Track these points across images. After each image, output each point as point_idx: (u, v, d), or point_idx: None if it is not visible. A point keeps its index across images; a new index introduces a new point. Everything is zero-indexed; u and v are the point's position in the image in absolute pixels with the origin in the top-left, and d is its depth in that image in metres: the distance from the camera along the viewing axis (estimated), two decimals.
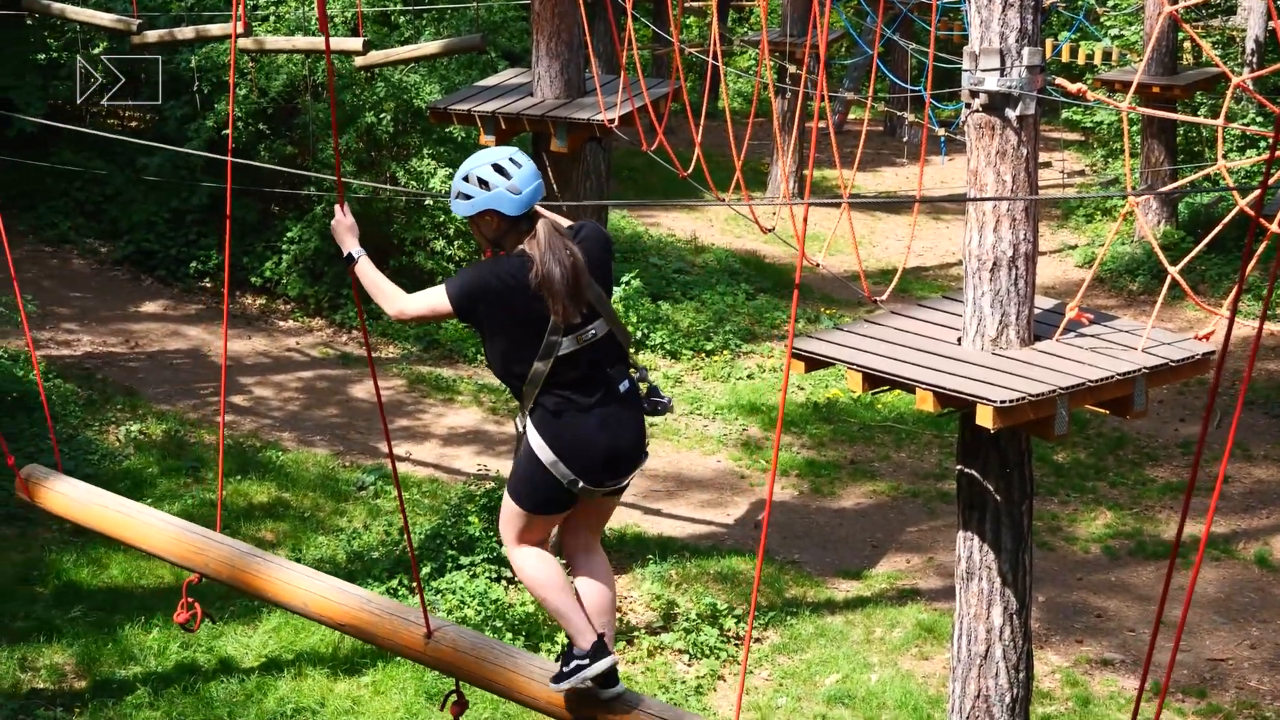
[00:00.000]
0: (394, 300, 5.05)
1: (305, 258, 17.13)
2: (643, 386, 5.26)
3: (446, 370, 16.09)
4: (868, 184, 25.07)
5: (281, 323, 16.98)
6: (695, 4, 30.13)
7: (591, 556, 5.25)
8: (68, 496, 5.89)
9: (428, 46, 14.06)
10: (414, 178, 16.90)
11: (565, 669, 5.04)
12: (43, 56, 17.90)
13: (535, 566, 5.12)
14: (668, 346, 16.74)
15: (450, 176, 16.85)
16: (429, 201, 17.10)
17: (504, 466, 13.08)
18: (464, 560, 11.39)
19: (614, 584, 5.23)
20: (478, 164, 5.00)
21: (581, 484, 4.99)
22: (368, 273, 5.09)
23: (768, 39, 11.80)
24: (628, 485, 5.26)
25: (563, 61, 11.47)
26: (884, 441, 14.89)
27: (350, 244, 5.11)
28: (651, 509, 13.24)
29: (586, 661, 5.00)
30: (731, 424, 15.14)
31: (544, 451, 4.95)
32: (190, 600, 5.73)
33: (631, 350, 5.17)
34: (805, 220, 4.80)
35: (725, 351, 16.91)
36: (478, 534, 11.58)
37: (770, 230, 8.90)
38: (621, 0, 12.37)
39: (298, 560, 11.45)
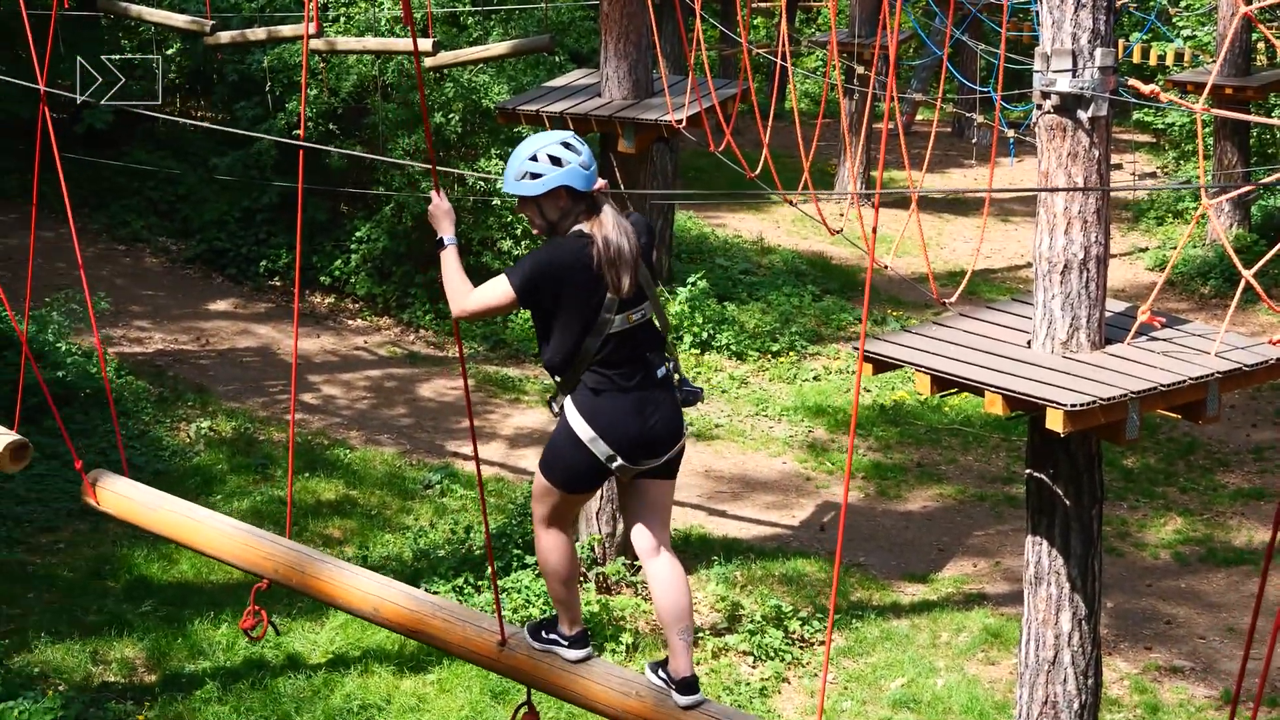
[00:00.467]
0: (463, 297, 5.06)
1: (374, 257, 17.24)
2: (674, 376, 5.28)
3: (513, 370, 16.14)
4: (935, 185, 24.93)
5: (350, 321, 17.10)
6: (762, 4, 30.07)
7: (662, 560, 5.20)
8: (134, 501, 5.90)
9: (496, 47, 14.11)
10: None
11: (545, 633, 5.24)
12: (117, 57, 18.10)
13: (554, 554, 5.22)
14: (734, 347, 16.71)
15: None
16: (496, 201, 17.17)
17: None
18: (529, 559, 11.42)
19: (687, 588, 5.21)
20: (546, 143, 5.02)
21: (619, 461, 5.04)
22: (451, 262, 5.09)
23: (835, 40, 11.81)
24: (675, 468, 5.26)
25: (630, 62, 11.49)
26: (951, 444, 14.80)
27: (447, 229, 5.13)
28: (717, 510, 13.23)
29: (565, 644, 5.21)
30: (797, 425, 15.09)
31: (583, 429, 5.00)
32: (257, 607, 5.72)
33: (671, 341, 5.17)
34: (877, 212, 4.78)
35: (791, 353, 16.87)
36: None
37: (838, 232, 8.86)
38: (689, 1, 12.38)
39: (365, 558, 11.54)
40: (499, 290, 5.01)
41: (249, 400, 14.54)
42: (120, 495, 5.90)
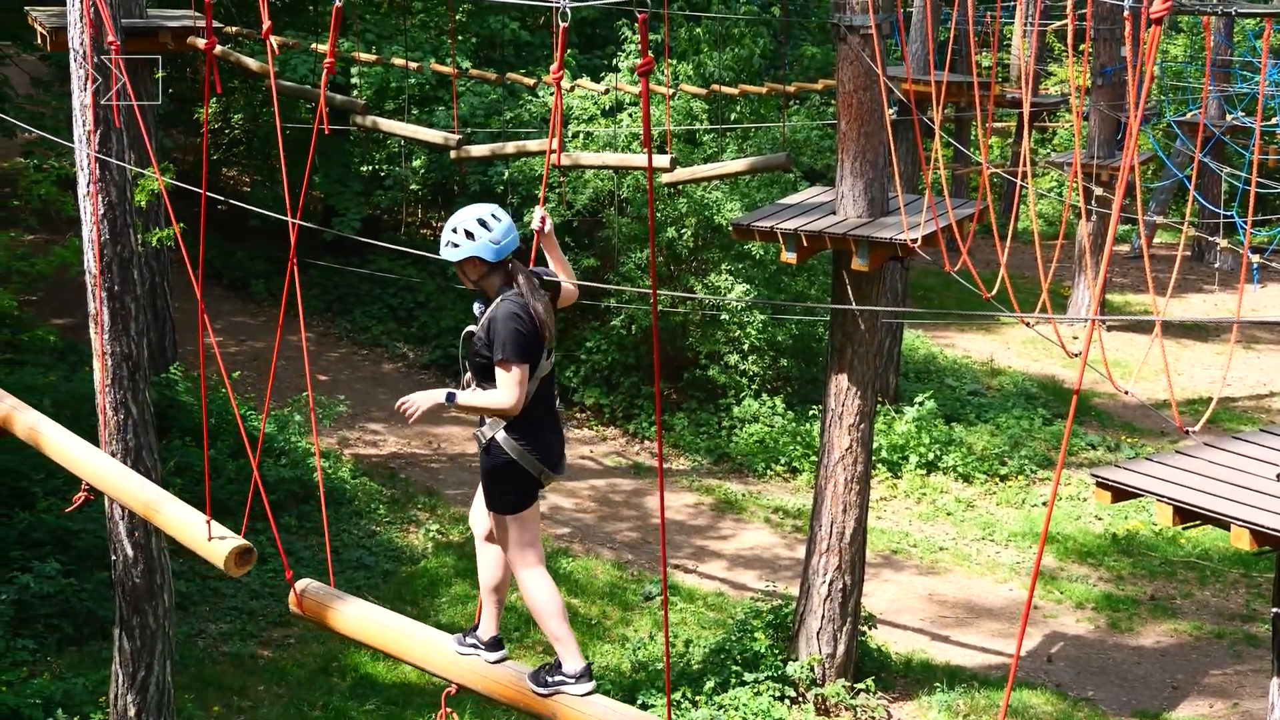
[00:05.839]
0: (506, 401, 5.67)
1: (602, 368, 17.44)
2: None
3: (735, 485, 16.09)
4: (1174, 310, 24.30)
5: (576, 430, 17.29)
6: (998, 125, 29.91)
7: (496, 546, 5.90)
8: (340, 613, 6.07)
9: (734, 164, 14.25)
10: (712, 292, 17.09)
11: (550, 678, 5.67)
12: (366, 168, 18.79)
13: (542, 592, 5.76)
14: (960, 469, 16.43)
15: (747, 292, 17.02)
16: (725, 316, 17.25)
17: (793, 587, 12.99)
18: (748, 676, 11.31)
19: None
20: (464, 219, 5.72)
21: (544, 471, 5.80)
22: (469, 396, 5.79)
23: (1072, 160, 11.63)
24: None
25: (866, 180, 11.49)
26: (1186, 578, 14.28)
27: (440, 392, 5.80)
28: (940, 635, 12.94)
29: (571, 681, 5.64)
30: (1025, 552, 14.73)
31: (518, 452, 5.75)
32: (449, 711, 5.93)
33: None
34: (1090, 335, 4.66)
35: (1020, 477, 16.51)
36: (763, 650, 11.50)
37: (1077, 355, 8.69)
38: (928, 121, 12.37)
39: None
40: (519, 376, 5.66)
41: None
42: (326, 606, 6.11)
